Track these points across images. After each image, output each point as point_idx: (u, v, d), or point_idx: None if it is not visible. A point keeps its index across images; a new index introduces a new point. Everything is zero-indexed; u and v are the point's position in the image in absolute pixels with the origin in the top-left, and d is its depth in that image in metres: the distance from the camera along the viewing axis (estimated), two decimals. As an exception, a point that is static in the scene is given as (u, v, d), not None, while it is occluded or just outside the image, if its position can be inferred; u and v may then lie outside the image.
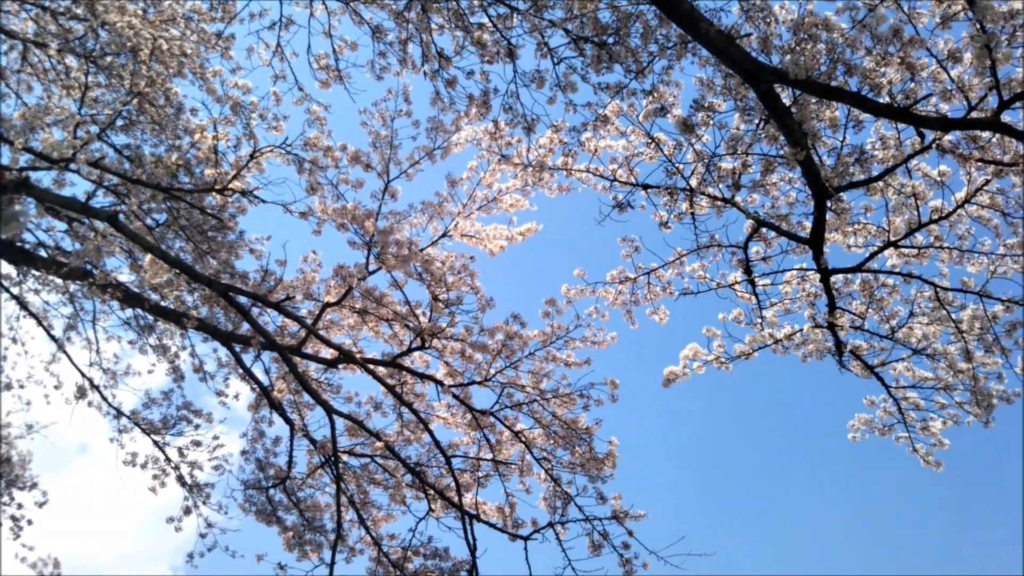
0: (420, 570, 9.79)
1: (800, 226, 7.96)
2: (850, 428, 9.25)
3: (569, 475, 9.44)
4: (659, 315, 9.05)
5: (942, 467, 9.05)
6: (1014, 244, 7.86)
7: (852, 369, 8.67)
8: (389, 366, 9.35)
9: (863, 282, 8.29)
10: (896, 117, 6.65)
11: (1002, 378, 8.35)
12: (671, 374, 8.84)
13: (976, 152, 7.17)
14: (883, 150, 7.34)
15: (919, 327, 8.36)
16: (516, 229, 9.52)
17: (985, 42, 6.14)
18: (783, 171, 7.65)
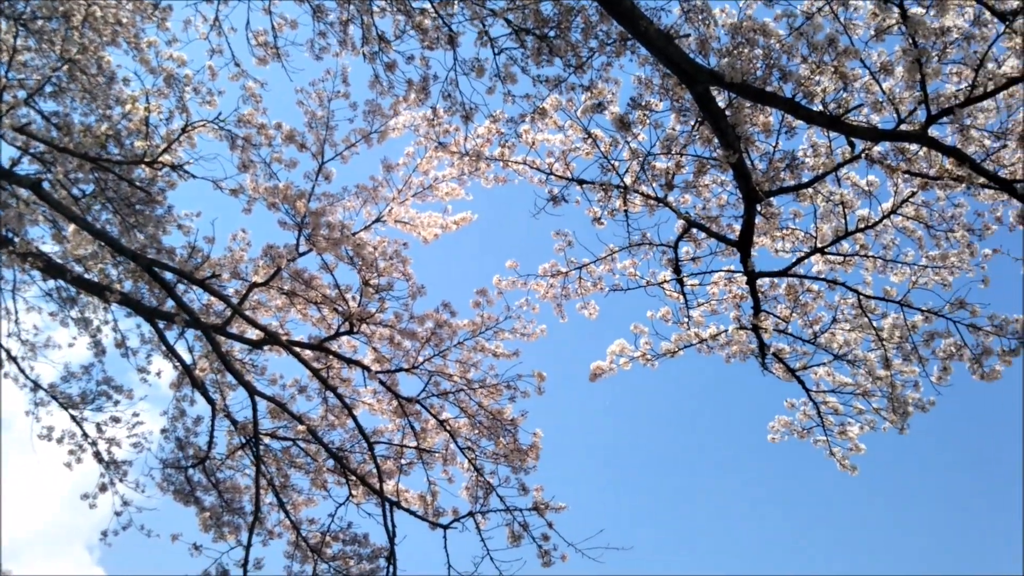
0: (339, 555, 9.73)
1: (730, 228, 8.06)
2: (770, 429, 9.39)
3: (492, 465, 9.46)
4: (589, 310, 9.08)
5: (858, 471, 9.23)
6: (936, 256, 8.04)
7: (774, 371, 8.81)
8: (316, 349, 9.26)
9: (788, 286, 8.41)
10: (828, 125, 6.75)
11: (918, 387, 8.54)
12: (598, 369, 8.89)
13: (903, 164, 7.31)
14: (814, 157, 7.45)
15: (841, 333, 8.52)
16: (451, 218, 9.49)
17: (916, 56, 6.26)
18: (716, 173, 7.73)
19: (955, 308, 7.95)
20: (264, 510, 9.59)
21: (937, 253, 8.03)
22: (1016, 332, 7.81)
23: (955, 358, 8.12)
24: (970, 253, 7.98)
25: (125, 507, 9.73)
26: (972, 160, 6.88)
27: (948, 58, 6.55)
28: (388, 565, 9.06)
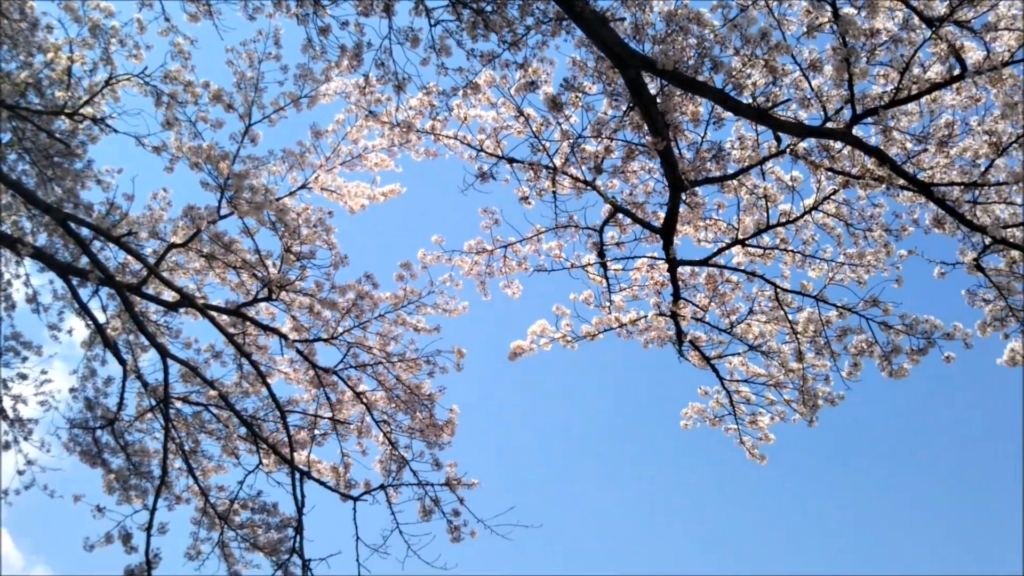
0: (247, 523, 9.62)
1: (655, 216, 8.12)
2: (683, 416, 9.51)
3: (407, 440, 9.43)
4: (512, 289, 9.08)
5: (766, 460, 9.41)
6: (853, 254, 8.21)
7: (690, 359, 8.92)
8: (232, 315, 9.10)
9: (708, 276, 8.52)
10: (756, 119, 6.83)
11: (828, 380, 8.74)
12: (518, 348, 8.91)
13: (827, 161, 7.44)
14: (740, 150, 7.54)
15: (757, 324, 8.66)
16: (379, 189, 9.38)
17: (845, 56, 6.36)
18: (644, 160, 7.76)
19: (868, 306, 8.14)
20: (172, 475, 9.42)
21: (855, 251, 8.20)
22: (925, 332, 8.03)
23: (866, 354, 8.32)
24: (886, 253, 8.16)
25: (29, 466, 9.48)
26: (893, 161, 7.03)
27: (876, 60, 6.67)
28: (295, 535, 8.97)
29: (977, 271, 7.60)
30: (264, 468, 9.41)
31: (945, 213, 7.33)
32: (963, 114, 7.12)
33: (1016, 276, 7.60)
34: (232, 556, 9.58)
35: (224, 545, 9.49)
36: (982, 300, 7.81)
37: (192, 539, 9.41)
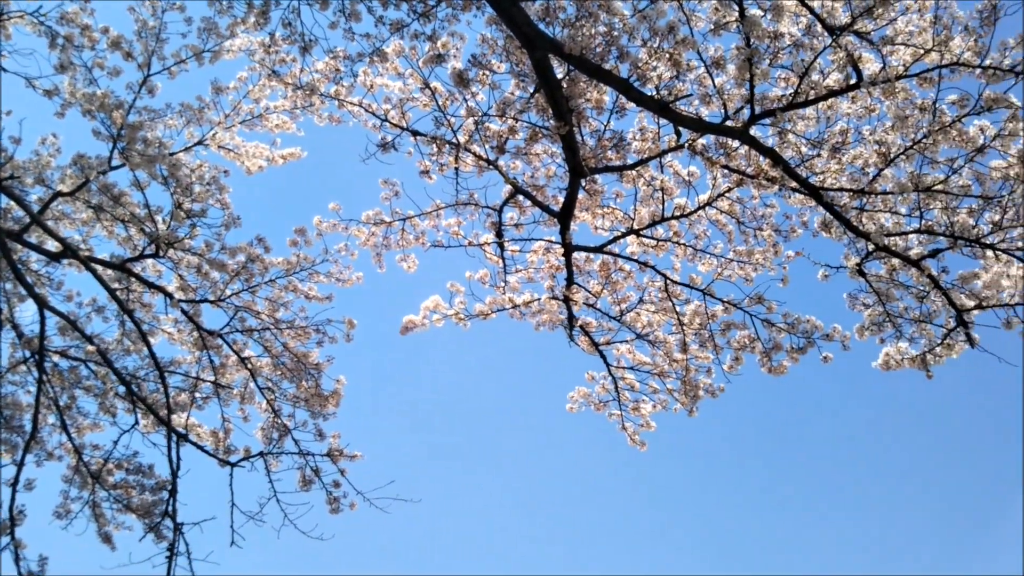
0: (120, 484, 9.39)
1: (554, 200, 8.17)
2: (570, 399, 9.62)
3: (291, 408, 9.31)
4: (408, 263, 9.02)
5: (646, 447, 9.59)
6: (742, 251, 8.40)
7: (580, 344, 9.02)
8: (117, 269, 8.82)
9: (603, 263, 8.62)
10: (658, 111, 6.92)
11: (710, 372, 8.96)
12: (410, 323, 8.86)
13: (724, 159, 7.58)
14: (641, 141, 7.64)
15: (646, 314, 8.80)
16: (278, 151, 9.19)
17: (749, 56, 6.48)
18: (547, 143, 7.80)
19: (753, 303, 8.35)
20: (45, 431, 9.13)
21: (744, 248, 8.40)
22: (806, 332, 8.28)
23: (747, 350, 8.55)
24: (774, 252, 8.39)
25: None
26: (787, 163, 7.21)
27: (778, 63, 6.82)
28: (169, 498, 8.80)
29: (859, 276, 7.86)
30: (141, 428, 9.19)
31: (833, 218, 7.56)
32: (857, 123, 7.35)
33: (895, 283, 7.89)
34: (103, 516, 9.35)
35: (95, 505, 9.26)
36: (862, 304, 8.09)
37: (62, 497, 9.15)
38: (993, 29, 6.16)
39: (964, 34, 6.29)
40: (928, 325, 7.90)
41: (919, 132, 6.85)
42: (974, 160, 6.84)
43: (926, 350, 7.95)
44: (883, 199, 7.42)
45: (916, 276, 7.65)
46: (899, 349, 7.98)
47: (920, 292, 7.76)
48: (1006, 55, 6.18)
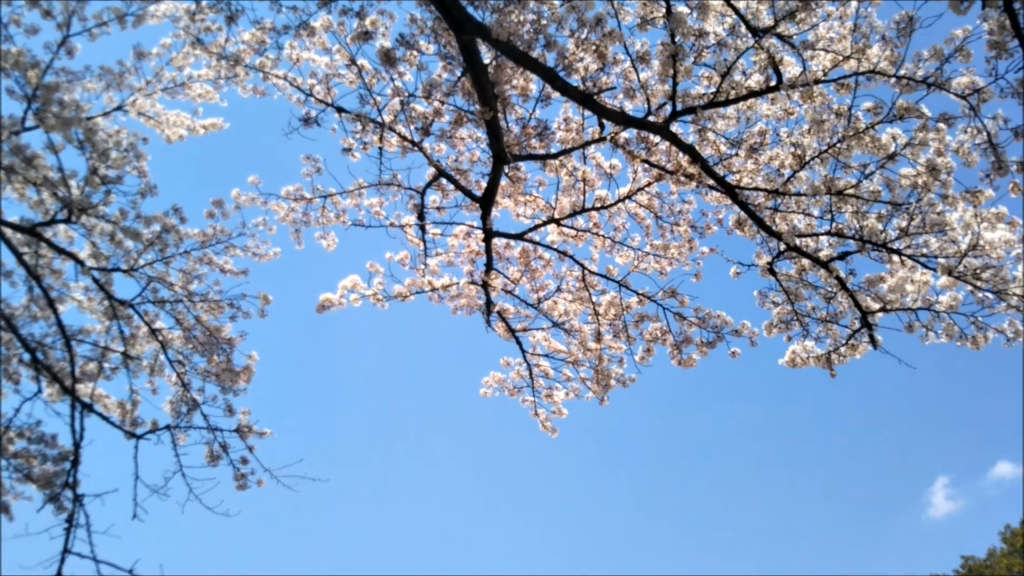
0: (21, 453, 9.15)
1: (477, 185, 8.18)
2: (484, 384, 9.67)
3: (201, 382, 9.17)
4: (328, 241, 8.95)
5: (557, 433, 9.70)
6: (659, 245, 8.53)
7: (496, 329, 9.07)
8: (27, 234, 8.58)
9: (523, 251, 8.67)
10: (582, 102, 6.99)
11: (622, 363, 9.09)
12: (327, 301, 8.80)
13: (644, 153, 7.69)
14: (565, 131, 7.69)
15: (563, 303, 8.89)
16: (200, 121, 9.02)
17: (673, 52, 6.59)
18: (472, 128, 7.81)
19: (667, 296, 8.50)
20: (-57, 396, 8.85)
21: (661, 243, 8.53)
22: (716, 327, 8.45)
23: (659, 342, 8.70)
24: (690, 248, 8.53)
25: None
26: (705, 161, 7.35)
27: (702, 61, 6.93)
28: (72, 469, 8.61)
29: (770, 275, 8.05)
30: (45, 397, 8.96)
31: (747, 216, 7.73)
32: (775, 124, 7.51)
33: (804, 283, 8.10)
34: (2, 485, 9.11)
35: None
36: (771, 302, 8.28)
37: (-41, 465, 8.88)
38: (909, 40, 6.36)
39: (882, 43, 6.48)
40: (834, 325, 8.14)
41: (834, 136, 7.03)
42: (885, 167, 7.05)
43: (831, 349, 8.19)
44: (796, 200, 7.61)
45: (824, 277, 7.87)
46: (805, 347, 8.20)
47: (828, 293, 7.98)
48: (920, 66, 6.38)
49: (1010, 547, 50.17)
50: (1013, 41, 5.96)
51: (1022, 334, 7.51)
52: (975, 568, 50.44)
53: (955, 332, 7.64)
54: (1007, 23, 5.88)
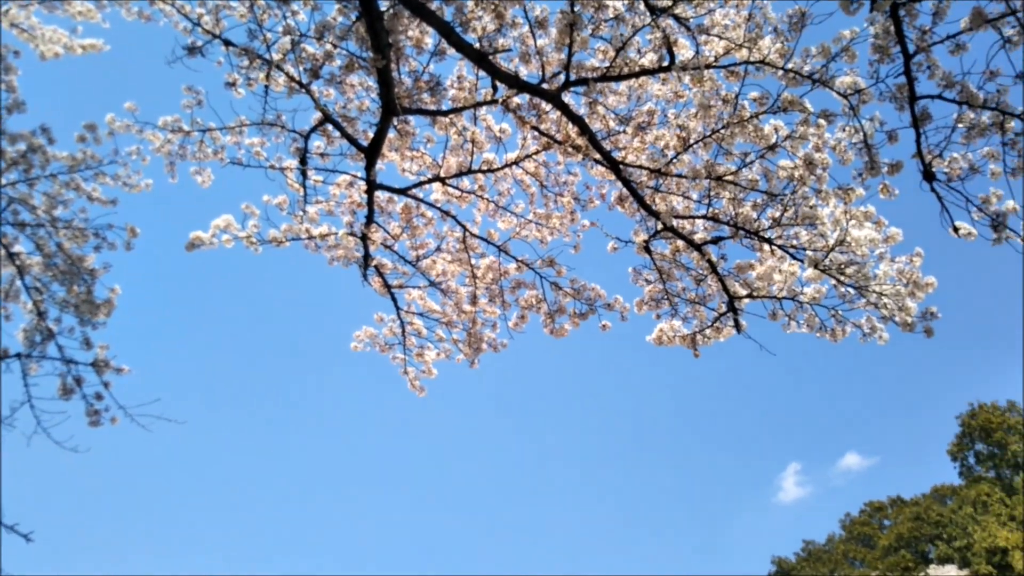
0: None
1: (364, 135, 8.04)
2: (355, 338, 9.57)
3: (58, 312, 8.81)
4: (203, 177, 8.66)
5: (425, 392, 9.68)
6: (542, 214, 8.57)
7: (372, 284, 8.97)
8: None
9: (405, 207, 8.59)
10: (477, 61, 6.92)
11: (495, 327, 9.13)
12: (197, 239, 8.53)
13: (535, 120, 7.69)
14: (458, 90, 7.62)
15: (441, 262, 8.85)
16: (79, 40, 8.60)
17: (571, 21, 6.59)
18: (363, 76, 7.66)
19: (545, 265, 8.56)
20: None
21: (543, 211, 8.57)
22: (590, 299, 8.56)
23: (533, 309, 8.76)
24: (571, 219, 8.60)
25: None
26: (593, 134, 7.40)
27: (599, 34, 6.96)
28: (-91, 392, 8.18)
29: (645, 252, 8.18)
30: None
31: (629, 193, 7.82)
32: (664, 106, 7.61)
33: (677, 264, 8.26)
34: None
35: None
36: (644, 280, 8.42)
37: None
38: (800, 35, 6.51)
39: (774, 36, 6.62)
40: (702, 307, 8.33)
41: (719, 123, 7.17)
42: (765, 157, 7.23)
43: (697, 330, 8.39)
44: (677, 182, 7.74)
45: (697, 259, 8.04)
46: (672, 326, 8.38)
47: (699, 275, 8.16)
48: (807, 62, 6.54)
49: (848, 534, 52.81)
50: (896, 47, 6.17)
51: (878, 331, 7.83)
52: (814, 552, 52.95)
53: (816, 323, 7.93)
54: (891, 28, 6.08)
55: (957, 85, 6.15)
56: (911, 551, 46.26)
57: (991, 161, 6.43)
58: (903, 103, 6.29)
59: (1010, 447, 43.59)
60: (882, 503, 53.73)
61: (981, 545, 38.99)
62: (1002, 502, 41.47)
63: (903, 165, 6.62)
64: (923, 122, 6.35)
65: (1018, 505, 39.64)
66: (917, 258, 7.44)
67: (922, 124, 6.37)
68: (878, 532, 50.87)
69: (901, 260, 7.46)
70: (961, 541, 42.58)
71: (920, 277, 7.39)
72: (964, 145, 6.42)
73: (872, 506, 54.05)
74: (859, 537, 51.93)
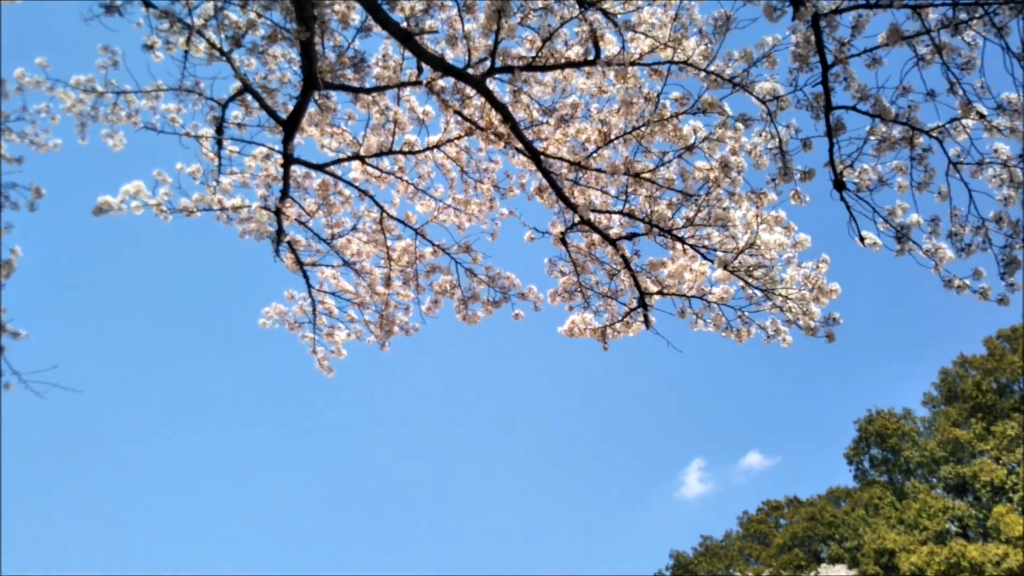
0: None
1: (284, 107, 7.91)
2: (264, 314, 9.42)
3: (-42, 263, 8.49)
4: (115, 140, 8.41)
5: (334, 373, 9.58)
6: (461, 200, 8.56)
7: (284, 260, 8.85)
8: None
9: (322, 183, 8.48)
10: (402, 40, 6.86)
11: (408, 311, 9.09)
12: (105, 204, 8.29)
13: (458, 104, 7.66)
14: (383, 68, 7.55)
15: (357, 242, 8.77)
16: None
17: (499, 7, 6.57)
18: (286, 48, 7.53)
19: (461, 251, 8.55)
20: None
21: (463, 197, 8.55)
22: (504, 287, 8.58)
23: (447, 295, 8.75)
24: (490, 207, 8.60)
25: None
26: (516, 123, 7.40)
27: (527, 23, 6.96)
28: None
29: (561, 244, 8.22)
30: None
31: (548, 185, 7.85)
32: (588, 100, 7.65)
33: (592, 257, 8.33)
34: None
35: None
36: (559, 271, 8.47)
37: None
38: (723, 38, 6.60)
39: (698, 37, 6.70)
40: (613, 301, 8.42)
41: (640, 120, 7.24)
42: (683, 157, 7.33)
43: (607, 324, 8.47)
44: (596, 177, 7.79)
45: (611, 254, 8.12)
46: (584, 319, 8.45)
47: (612, 269, 8.25)
48: (729, 65, 6.64)
49: (745, 531, 54.08)
50: (815, 57, 6.30)
51: (782, 333, 8.01)
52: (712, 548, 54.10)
53: (722, 323, 8.08)
54: (812, 38, 6.20)
55: (871, 98, 6.31)
56: (804, 550, 47.55)
57: (899, 174, 6.62)
58: (819, 112, 6.44)
59: (903, 453, 45.07)
60: (779, 502, 55.08)
61: (870, 546, 40.29)
62: (892, 505, 42.89)
63: (815, 173, 6.78)
64: (837, 132, 6.51)
65: (907, 509, 41.05)
66: (823, 264, 7.63)
67: (836, 134, 6.52)
68: (774, 531, 52.14)
69: (808, 266, 7.64)
70: (852, 542, 43.94)
71: (825, 283, 7.59)
72: (875, 157, 6.61)
73: (769, 505, 55.37)
74: (755, 535, 53.16)
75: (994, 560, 35.00)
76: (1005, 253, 6.47)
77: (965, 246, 6.59)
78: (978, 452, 41.55)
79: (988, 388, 43.50)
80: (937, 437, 43.72)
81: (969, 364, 45.39)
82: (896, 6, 5.78)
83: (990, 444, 41.06)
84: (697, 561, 53.73)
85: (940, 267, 6.73)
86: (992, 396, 43.16)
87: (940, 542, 38.25)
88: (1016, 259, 6.46)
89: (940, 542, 38.25)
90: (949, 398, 45.81)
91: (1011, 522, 35.99)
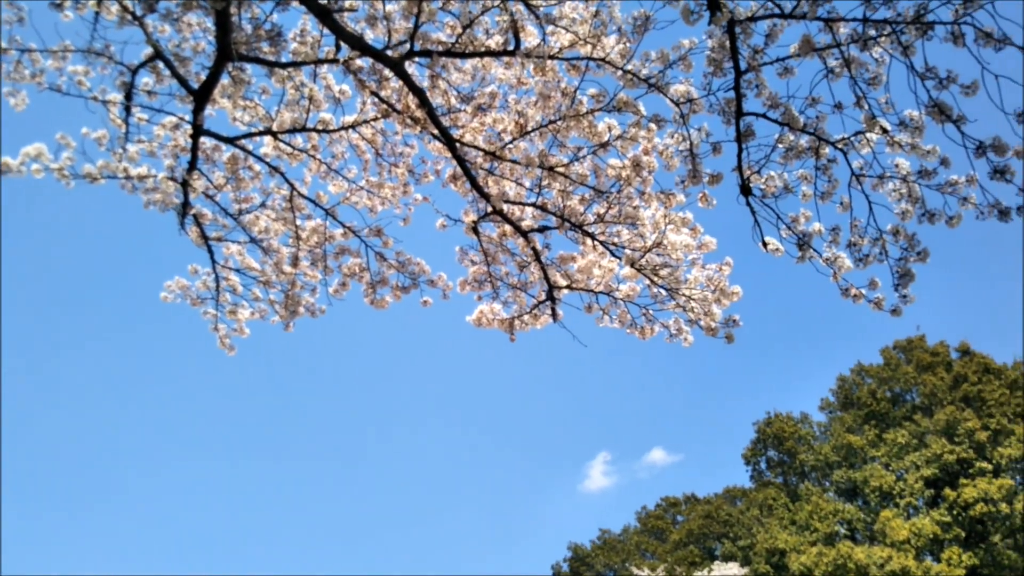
0: None
1: (196, 77, 7.72)
2: (166, 288, 9.20)
3: None
4: (17, 100, 8.06)
5: (235, 351, 9.42)
6: (375, 183, 8.48)
7: (189, 233, 8.64)
8: None
9: (232, 157, 8.30)
10: (320, 16, 6.76)
11: (315, 292, 8.97)
12: (4, 166, 7.98)
13: (375, 85, 7.59)
14: (300, 44, 7.42)
15: (265, 220, 8.62)
16: None
17: (420, -9, 6.52)
18: (201, 16, 7.36)
19: (372, 234, 8.48)
20: None
21: (376, 180, 8.48)
22: (414, 273, 8.54)
23: (356, 278, 8.66)
24: (404, 192, 8.55)
25: None
26: (433, 108, 7.36)
27: (448, 8, 6.93)
28: None
29: (473, 233, 8.21)
30: None
31: (463, 173, 7.83)
32: (506, 90, 7.65)
33: (503, 248, 8.34)
34: None
35: None
36: (470, 260, 8.47)
37: None
38: (642, 38, 6.66)
39: (617, 35, 6.74)
40: (523, 293, 8.45)
41: (557, 114, 7.27)
42: (597, 154, 7.38)
43: (516, 315, 8.50)
44: (511, 168, 7.80)
45: (523, 246, 8.14)
46: (493, 309, 8.47)
47: (522, 261, 8.27)
48: (646, 65, 6.71)
49: (643, 526, 54.99)
50: (729, 63, 6.40)
51: (684, 332, 8.14)
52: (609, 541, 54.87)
53: (628, 320, 8.17)
54: (727, 44, 6.30)
55: (781, 106, 6.44)
56: (699, 547, 48.54)
57: (804, 183, 6.78)
58: (730, 117, 6.55)
59: (799, 456, 46.30)
60: (677, 499, 56.13)
61: (763, 546, 41.31)
62: (786, 507, 44.04)
63: (723, 177, 6.89)
64: (746, 138, 6.63)
65: (800, 510, 42.20)
66: (726, 267, 7.77)
67: (745, 140, 6.64)
68: (671, 526, 53.12)
69: (712, 267, 7.78)
70: (745, 541, 45.00)
71: (727, 285, 7.73)
72: (781, 165, 6.76)
73: (667, 501, 56.39)
74: (653, 530, 54.09)
75: (879, 562, 36.25)
76: (900, 265, 6.68)
77: (863, 256, 6.78)
78: (869, 458, 42.95)
79: (882, 397, 44.99)
80: (832, 442, 45.06)
81: (866, 372, 46.87)
82: (809, 18, 5.91)
83: (881, 451, 42.49)
84: (594, 554, 54.43)
85: (838, 276, 6.91)
86: (886, 404, 44.65)
87: (829, 544, 39.44)
88: (910, 272, 6.67)
89: (829, 544, 39.44)
90: (845, 404, 47.24)
91: (896, 526, 37.32)
